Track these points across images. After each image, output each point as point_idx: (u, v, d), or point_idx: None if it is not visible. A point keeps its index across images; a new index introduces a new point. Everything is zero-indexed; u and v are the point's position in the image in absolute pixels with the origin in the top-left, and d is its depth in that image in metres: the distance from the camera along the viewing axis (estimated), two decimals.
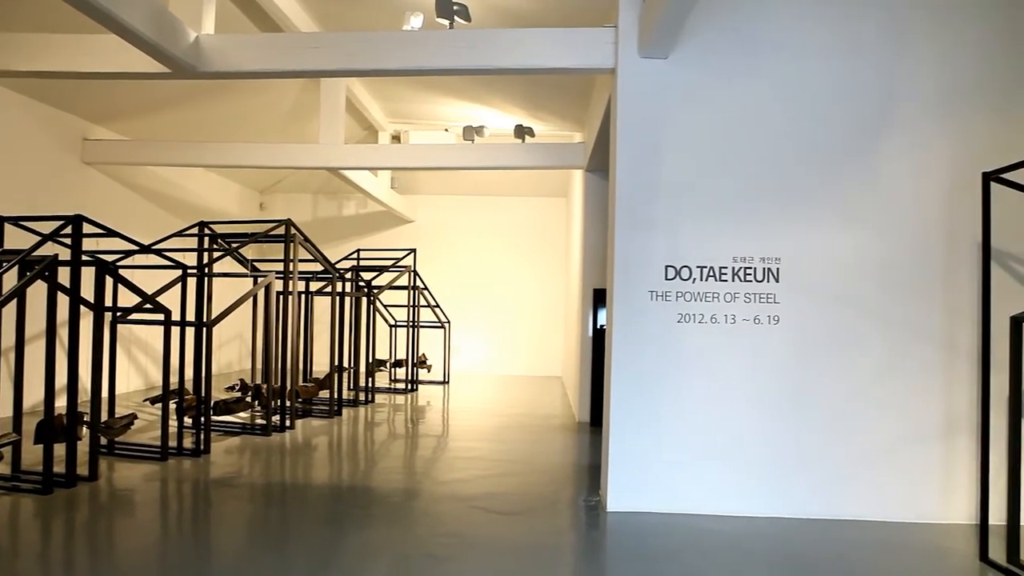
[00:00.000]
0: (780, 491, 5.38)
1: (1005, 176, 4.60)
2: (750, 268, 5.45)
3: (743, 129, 5.50)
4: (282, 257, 8.69)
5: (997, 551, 4.51)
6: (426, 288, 13.55)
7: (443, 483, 6.20)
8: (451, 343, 14.81)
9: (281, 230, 8.58)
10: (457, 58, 5.96)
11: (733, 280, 5.44)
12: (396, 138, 13.44)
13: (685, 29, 5.40)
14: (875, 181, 5.46)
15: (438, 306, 14.22)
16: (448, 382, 14.26)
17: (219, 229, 9.03)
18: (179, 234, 8.57)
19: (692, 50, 5.51)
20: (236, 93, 10.42)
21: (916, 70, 5.49)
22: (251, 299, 9.05)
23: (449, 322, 14.55)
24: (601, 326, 9.59)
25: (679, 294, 5.44)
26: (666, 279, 5.45)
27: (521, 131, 10.38)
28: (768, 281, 5.44)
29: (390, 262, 12.51)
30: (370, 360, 11.70)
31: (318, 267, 9.99)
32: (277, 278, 8.72)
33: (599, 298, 9.67)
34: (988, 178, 4.66)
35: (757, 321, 5.43)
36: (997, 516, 4.65)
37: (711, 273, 5.45)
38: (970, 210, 5.27)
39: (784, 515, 5.35)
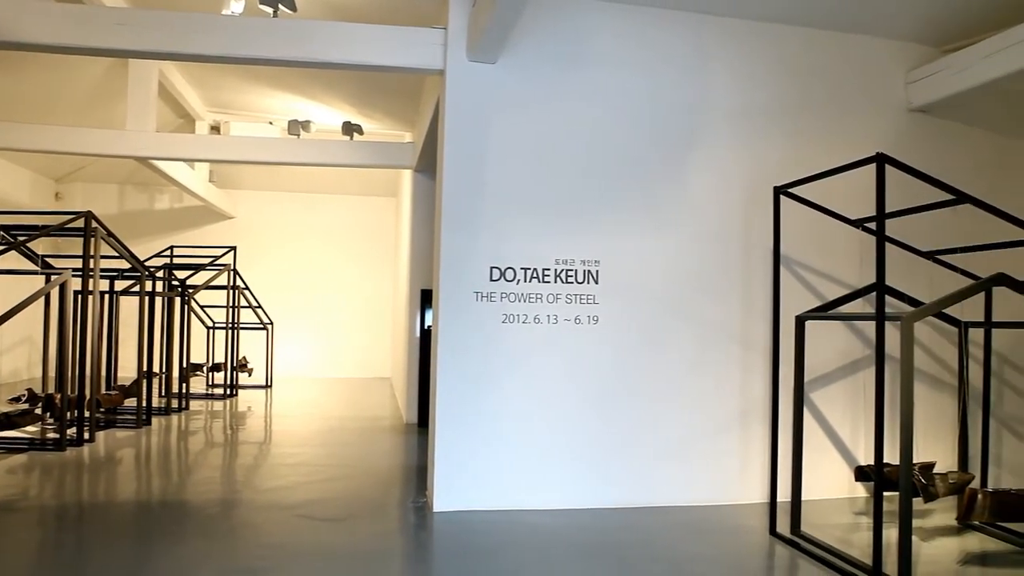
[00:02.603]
0: (599, 483, 5.66)
1: (792, 190, 5.14)
2: (571, 270, 5.69)
3: (566, 135, 5.74)
4: (81, 253, 7.90)
5: (784, 525, 5.04)
6: (247, 288, 12.89)
7: (264, 492, 5.92)
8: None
9: (80, 223, 7.80)
10: (281, 48, 5.71)
11: (556, 281, 5.65)
12: (215, 129, 12.65)
13: (513, 36, 5.54)
14: (684, 190, 5.91)
15: (260, 307, 13.58)
16: (271, 386, 13.67)
17: (3, 220, 8.05)
18: None
19: (520, 56, 5.67)
20: (25, 67, 9.31)
21: (717, 90, 6.01)
22: (43, 299, 8.15)
23: (272, 323, 13.95)
24: (429, 326, 9.59)
25: (504, 295, 5.57)
26: (491, 280, 5.56)
27: (349, 128, 10.16)
28: (588, 282, 5.71)
29: (208, 260, 11.77)
30: (184, 364, 10.94)
31: (125, 264, 9.18)
32: (75, 276, 7.91)
33: (427, 299, 9.68)
34: (778, 192, 5.19)
35: (578, 321, 5.68)
36: (784, 494, 5.17)
37: (535, 274, 5.63)
38: (763, 220, 5.83)
39: (602, 505, 5.63)
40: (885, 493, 4.31)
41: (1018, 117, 6.70)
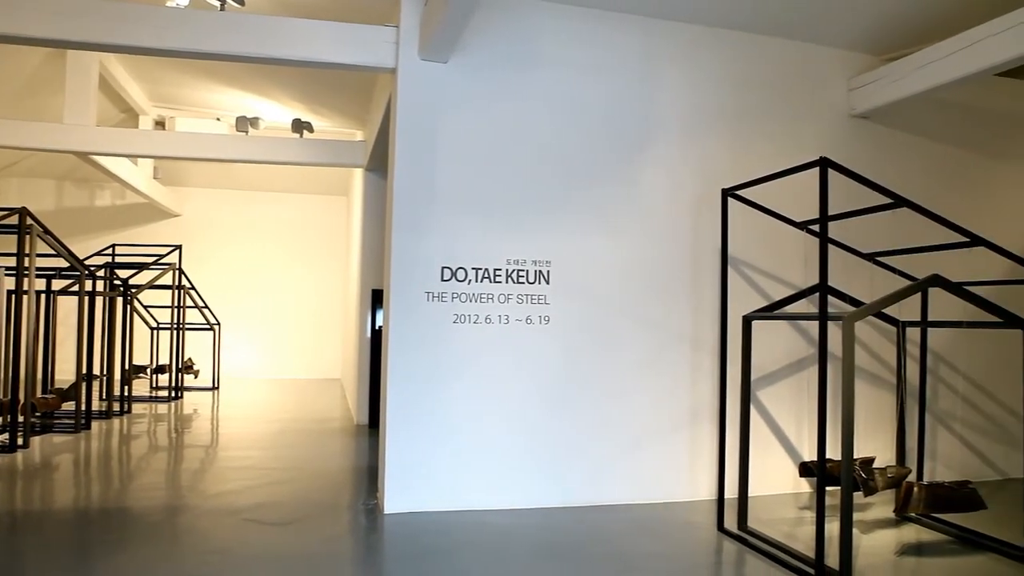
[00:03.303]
0: (551, 483, 5.68)
1: (739, 193, 5.24)
2: (523, 270, 5.69)
3: (517, 135, 5.74)
4: (15, 251, 7.60)
5: (731, 521, 5.13)
6: (193, 288, 12.59)
7: (210, 496, 5.78)
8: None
9: (13, 220, 7.51)
10: (229, 43, 5.58)
11: (507, 282, 5.65)
12: (160, 124, 12.33)
13: (465, 36, 5.52)
14: (634, 192, 5.97)
15: (207, 307, 13.27)
16: (218, 388, 13.37)
17: None
18: None
19: (472, 56, 5.65)
20: None
21: (668, 93, 6.08)
22: None
23: (219, 324, 13.65)
24: (380, 327, 9.51)
25: (455, 295, 5.55)
26: (442, 280, 5.53)
27: (299, 126, 10.01)
28: (539, 283, 5.72)
29: (152, 259, 11.45)
30: (127, 366, 10.62)
31: (64, 263, 8.87)
32: (8, 275, 7.60)
33: (377, 299, 9.59)
34: (726, 194, 5.28)
35: (529, 321, 5.69)
36: (732, 490, 5.27)
37: (486, 275, 5.62)
38: (712, 221, 5.93)
39: (554, 504, 5.65)
40: (828, 488, 4.43)
41: (952, 125, 6.96)
